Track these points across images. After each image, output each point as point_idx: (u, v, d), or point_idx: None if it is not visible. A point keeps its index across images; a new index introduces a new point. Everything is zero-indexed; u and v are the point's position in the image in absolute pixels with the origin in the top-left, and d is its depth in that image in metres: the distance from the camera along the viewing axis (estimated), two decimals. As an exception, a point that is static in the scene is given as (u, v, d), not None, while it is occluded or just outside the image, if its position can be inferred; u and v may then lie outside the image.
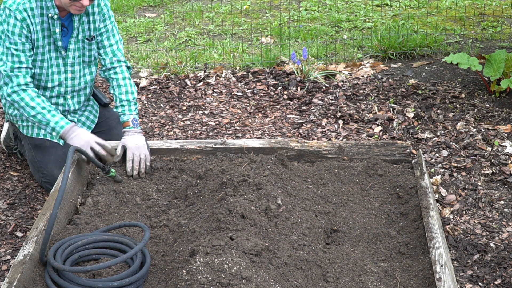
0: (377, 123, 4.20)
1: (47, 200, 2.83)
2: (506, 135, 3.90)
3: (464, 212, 3.26)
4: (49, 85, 3.37)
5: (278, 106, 4.53)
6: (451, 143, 3.85)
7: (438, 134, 3.99)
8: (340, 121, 4.24)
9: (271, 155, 3.11)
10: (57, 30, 3.26)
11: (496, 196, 3.37)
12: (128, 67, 3.51)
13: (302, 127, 4.20)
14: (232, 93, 4.74)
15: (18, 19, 3.16)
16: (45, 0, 3.19)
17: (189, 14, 6.53)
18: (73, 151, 2.75)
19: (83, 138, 3.14)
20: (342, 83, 4.79)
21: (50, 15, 3.20)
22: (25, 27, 3.18)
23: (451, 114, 4.22)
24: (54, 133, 3.19)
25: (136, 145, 3.18)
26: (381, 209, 2.91)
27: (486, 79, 4.57)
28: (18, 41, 3.17)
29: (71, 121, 3.52)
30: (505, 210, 3.26)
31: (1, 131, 4.00)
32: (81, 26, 3.34)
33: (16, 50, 3.17)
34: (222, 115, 4.41)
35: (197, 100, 4.64)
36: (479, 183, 3.47)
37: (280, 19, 6.26)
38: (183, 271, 2.31)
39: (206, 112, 4.46)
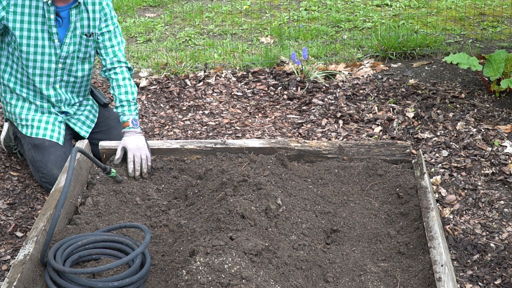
0: (377, 123, 4.20)
1: (47, 200, 2.83)
2: (506, 135, 3.90)
3: (464, 212, 3.26)
4: (38, 71, 3.36)
5: (278, 106, 4.53)
6: (451, 143, 3.85)
7: (438, 134, 3.99)
8: (340, 121, 4.24)
9: (271, 155, 3.11)
10: (52, 16, 3.26)
11: (496, 196, 3.37)
12: (129, 68, 3.51)
13: (302, 127, 4.20)
14: (232, 93, 4.74)
15: None
16: None
17: (189, 14, 6.53)
18: (76, 152, 2.75)
19: None
20: (342, 83, 4.79)
21: (44, 0, 3.21)
22: (5, 5, 3.20)
23: (451, 114, 4.21)
24: None
25: (136, 146, 3.18)
26: (381, 209, 2.91)
27: (486, 79, 4.57)
28: None
29: (67, 112, 3.52)
30: (505, 210, 3.26)
31: (1, 131, 4.00)
32: (80, 22, 3.33)
33: None
34: (222, 115, 4.41)
35: (197, 100, 4.64)
36: (479, 183, 3.47)
37: (280, 19, 6.26)
38: (183, 271, 2.31)
39: (206, 112, 4.46)
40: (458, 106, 4.34)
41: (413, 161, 3.20)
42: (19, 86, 3.45)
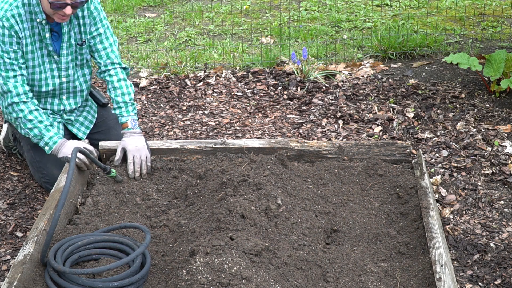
0: (377, 123, 4.20)
1: (47, 200, 2.83)
2: (506, 135, 3.90)
3: (464, 212, 3.26)
4: (43, 89, 3.36)
5: (278, 106, 4.53)
6: (451, 143, 3.85)
7: (438, 134, 3.99)
8: (340, 121, 4.24)
9: (271, 155, 3.11)
10: (47, 35, 3.24)
11: (496, 196, 3.37)
12: (124, 68, 3.49)
13: (302, 127, 4.20)
14: (232, 93, 4.74)
15: (6, 27, 3.13)
16: (33, 6, 3.16)
17: (189, 14, 6.53)
18: (76, 152, 2.75)
19: (71, 146, 3.13)
20: (342, 83, 4.79)
21: (38, 20, 3.19)
22: (14, 34, 3.15)
23: (451, 114, 4.21)
24: (47, 148, 3.19)
25: (136, 147, 3.18)
26: (381, 209, 2.91)
27: (486, 79, 4.57)
28: (10, 50, 3.16)
29: (68, 119, 3.53)
30: (505, 210, 3.26)
31: (0, 131, 4.00)
32: (72, 30, 3.32)
33: (9, 58, 3.16)
34: (222, 115, 4.41)
35: (197, 100, 4.64)
36: (479, 183, 3.47)
37: (280, 19, 6.26)
38: (183, 271, 2.31)
39: (206, 112, 4.46)
40: (458, 106, 4.34)
41: (413, 161, 3.20)
42: None
